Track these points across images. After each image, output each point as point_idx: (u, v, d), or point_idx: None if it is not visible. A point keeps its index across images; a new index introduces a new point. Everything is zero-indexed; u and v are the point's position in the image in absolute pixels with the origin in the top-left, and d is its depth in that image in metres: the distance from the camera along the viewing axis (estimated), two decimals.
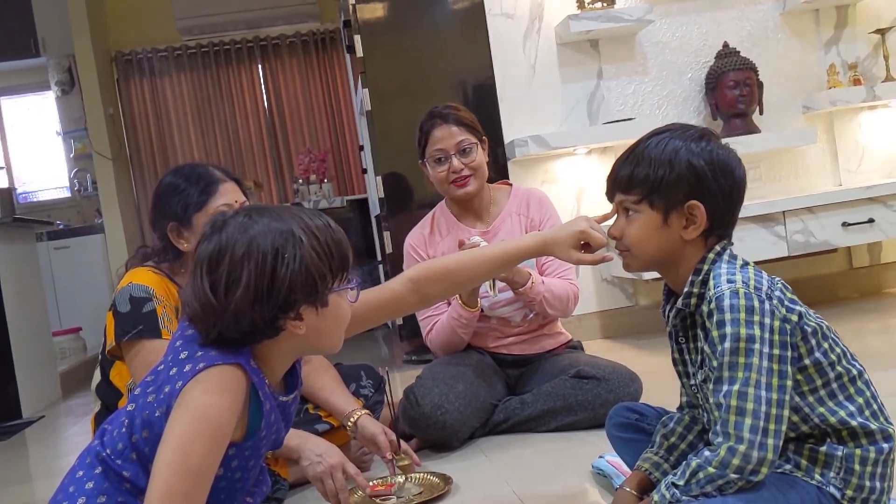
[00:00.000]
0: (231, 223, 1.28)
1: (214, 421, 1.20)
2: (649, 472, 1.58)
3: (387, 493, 2.05)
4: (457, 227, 2.65)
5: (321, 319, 1.31)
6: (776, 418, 1.34)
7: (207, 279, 1.26)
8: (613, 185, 1.54)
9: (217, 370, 1.22)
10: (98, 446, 1.30)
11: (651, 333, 3.97)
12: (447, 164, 2.52)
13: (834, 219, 3.70)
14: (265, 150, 7.01)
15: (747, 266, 1.46)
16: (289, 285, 1.25)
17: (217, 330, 1.25)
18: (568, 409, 2.43)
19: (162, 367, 1.29)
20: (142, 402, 1.27)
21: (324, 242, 1.30)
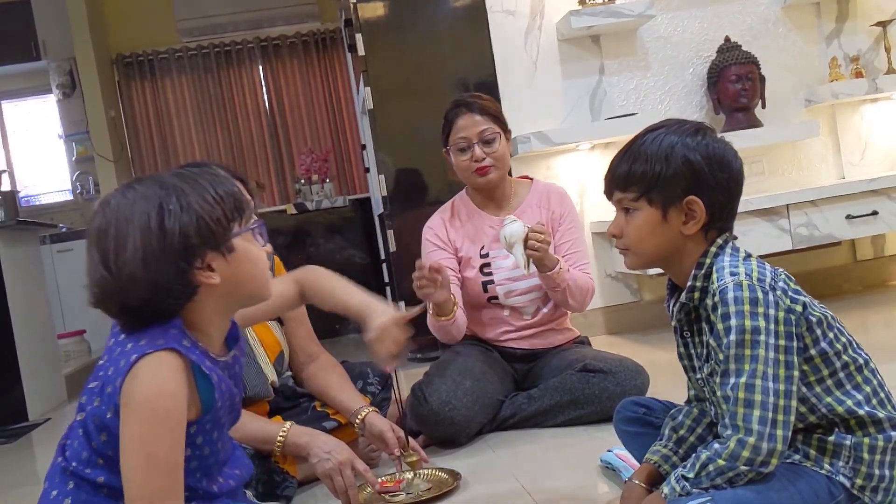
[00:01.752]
0: (114, 196, 1.26)
1: (163, 412, 1.19)
2: (658, 465, 1.58)
3: (395, 489, 2.05)
4: (478, 214, 2.66)
5: (233, 265, 1.27)
6: (784, 409, 1.35)
7: (98, 254, 1.22)
8: (611, 183, 1.54)
9: (150, 359, 1.19)
10: (63, 462, 1.29)
11: (656, 329, 3.97)
12: (470, 152, 2.53)
13: (837, 212, 3.70)
14: (267, 150, 7.02)
15: (750, 258, 1.46)
16: (181, 233, 1.21)
17: (117, 302, 1.22)
18: (575, 403, 2.43)
19: (101, 372, 1.26)
20: (90, 409, 1.25)
21: (210, 188, 1.27)
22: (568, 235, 2.61)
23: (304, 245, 6.01)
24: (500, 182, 2.61)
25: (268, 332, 2.21)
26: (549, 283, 2.46)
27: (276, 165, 7.00)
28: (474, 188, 2.65)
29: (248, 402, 2.10)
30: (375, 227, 5.33)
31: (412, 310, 1.88)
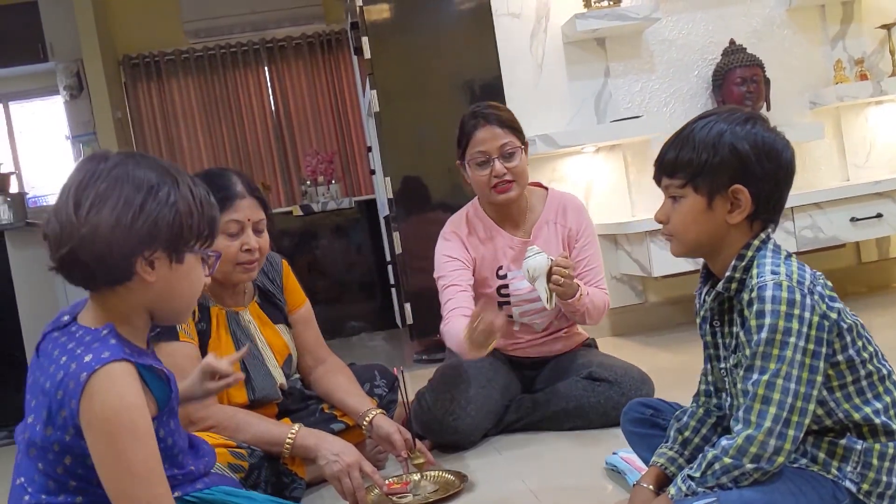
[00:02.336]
0: (113, 158, 1.28)
1: (130, 425, 1.20)
2: (665, 468, 1.59)
3: (403, 490, 2.07)
4: (497, 232, 2.55)
5: (173, 275, 1.29)
6: (800, 411, 1.36)
7: (73, 198, 1.23)
8: (659, 169, 1.54)
9: (101, 375, 1.19)
10: (32, 500, 1.28)
11: (661, 330, 3.98)
12: (489, 167, 2.42)
13: (842, 214, 3.71)
14: (272, 151, 7.04)
15: (791, 258, 1.46)
16: (154, 220, 1.23)
17: (69, 249, 1.22)
18: (580, 409, 2.44)
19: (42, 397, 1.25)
20: (41, 441, 1.25)
21: (198, 199, 1.30)
22: (584, 252, 2.53)
23: (311, 247, 6.04)
24: (519, 197, 2.50)
25: (276, 336, 2.23)
26: (569, 308, 2.40)
27: (282, 167, 7.03)
28: (492, 204, 2.54)
29: (258, 405, 2.13)
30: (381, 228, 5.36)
31: None
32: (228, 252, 2.01)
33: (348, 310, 6.00)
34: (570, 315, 2.48)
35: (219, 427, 1.96)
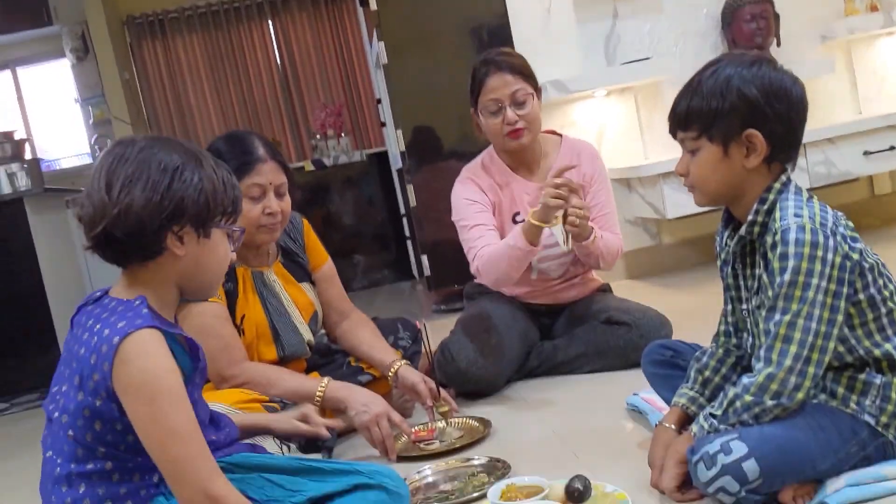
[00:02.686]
0: (139, 141, 1.35)
1: (165, 387, 1.25)
2: (686, 407, 1.63)
3: (429, 437, 2.13)
4: (513, 178, 2.58)
5: (201, 250, 1.36)
6: (820, 349, 1.40)
7: (104, 180, 1.30)
8: (673, 122, 1.55)
9: (133, 340, 1.25)
10: (61, 470, 1.32)
11: (676, 272, 4.02)
12: (501, 115, 2.44)
13: (855, 148, 3.70)
14: (280, 106, 7.03)
15: (813, 199, 1.48)
16: (181, 197, 1.31)
17: (103, 226, 1.28)
18: (600, 353, 2.49)
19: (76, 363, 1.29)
20: (74, 406, 1.29)
21: (221, 178, 1.38)
22: (598, 197, 2.56)
23: (325, 202, 6.06)
24: (532, 143, 2.53)
25: (301, 294, 2.28)
26: (583, 251, 2.43)
27: (291, 121, 7.02)
28: (506, 151, 2.56)
29: (287, 361, 2.18)
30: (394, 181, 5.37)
31: None
32: (251, 215, 2.04)
33: (364, 263, 6.05)
34: (584, 258, 2.51)
35: (251, 383, 2.02)
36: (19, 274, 4.13)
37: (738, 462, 1.35)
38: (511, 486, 1.58)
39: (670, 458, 1.52)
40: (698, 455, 1.39)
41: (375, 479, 1.45)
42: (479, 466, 1.87)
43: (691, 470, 1.42)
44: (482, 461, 1.88)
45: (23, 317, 4.14)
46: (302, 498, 1.41)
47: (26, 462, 2.82)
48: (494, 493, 1.56)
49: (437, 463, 1.93)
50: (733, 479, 1.35)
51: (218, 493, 1.23)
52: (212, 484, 1.23)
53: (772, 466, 1.35)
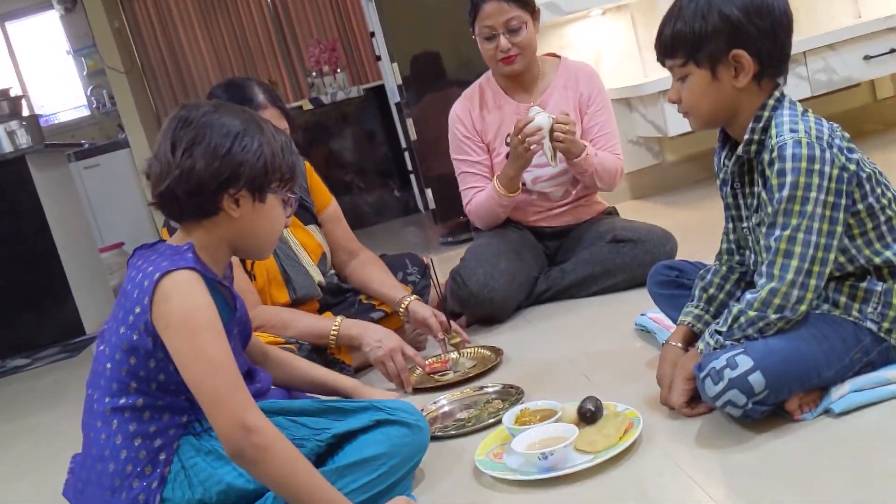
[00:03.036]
0: (204, 105, 1.41)
1: (205, 321, 1.30)
2: (692, 325, 1.67)
3: (443, 369, 2.18)
4: (505, 100, 2.64)
5: (255, 214, 1.40)
6: (821, 261, 1.42)
7: (169, 141, 1.36)
8: (660, 50, 1.56)
9: (174, 278, 1.30)
10: (98, 406, 1.38)
11: (680, 189, 4.02)
12: (495, 41, 2.49)
13: (855, 53, 3.67)
14: (274, 45, 6.94)
15: (808, 113, 1.49)
16: (239, 161, 1.36)
17: (167, 184, 1.35)
18: (607, 273, 2.52)
19: (123, 299, 1.36)
20: (115, 340, 1.35)
21: (280, 145, 1.42)
22: (597, 117, 2.59)
23: (325, 141, 6.04)
24: (525, 69, 2.57)
25: (309, 237, 2.31)
26: (577, 169, 2.49)
27: (286, 60, 6.94)
28: (501, 75, 2.62)
29: (299, 303, 2.22)
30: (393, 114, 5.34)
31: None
32: None
33: (368, 199, 6.06)
34: (579, 177, 2.55)
35: (266, 326, 2.06)
36: (29, 231, 4.17)
37: (744, 375, 1.38)
38: (525, 411, 1.63)
39: (678, 375, 1.56)
40: (705, 371, 1.43)
41: (396, 415, 1.50)
42: (493, 394, 1.92)
43: (699, 386, 1.46)
44: (496, 388, 1.93)
45: (37, 273, 4.19)
46: (327, 435, 1.46)
47: (52, 417, 2.89)
48: (509, 418, 1.61)
49: (451, 393, 1.98)
50: (740, 392, 1.39)
51: (254, 423, 1.27)
52: (247, 415, 1.28)
53: (777, 377, 1.39)
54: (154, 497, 1.35)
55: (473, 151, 2.64)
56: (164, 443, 1.37)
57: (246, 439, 1.26)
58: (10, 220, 4.17)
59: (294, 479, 1.29)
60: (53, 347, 4.13)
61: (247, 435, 1.26)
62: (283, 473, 1.29)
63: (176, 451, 1.38)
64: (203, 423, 1.39)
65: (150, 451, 1.36)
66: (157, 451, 1.37)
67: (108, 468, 1.36)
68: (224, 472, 1.37)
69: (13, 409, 3.17)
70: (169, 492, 1.36)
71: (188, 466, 1.37)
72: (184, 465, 1.37)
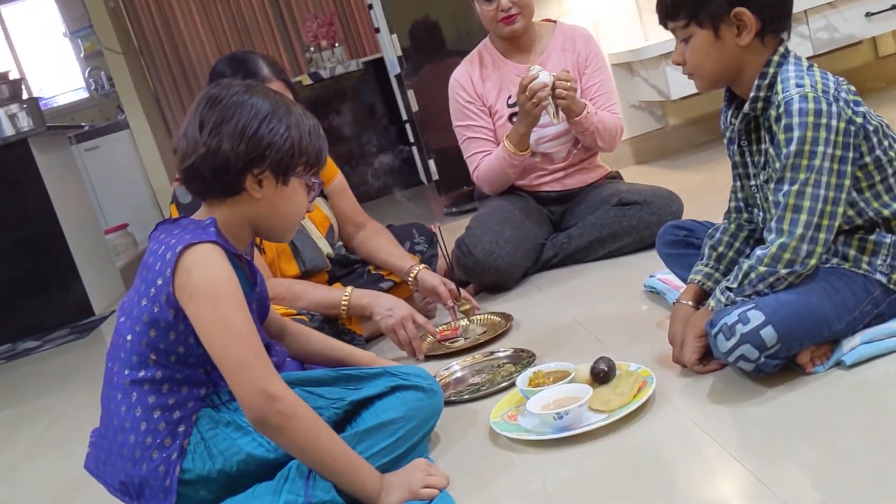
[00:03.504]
0: (235, 85, 1.41)
1: (226, 291, 1.32)
2: (702, 283, 1.67)
3: (454, 336, 2.20)
4: (504, 63, 2.66)
5: (278, 196, 1.41)
6: (830, 214, 1.43)
7: (198, 119, 1.38)
8: (661, 13, 1.56)
9: (196, 251, 1.32)
10: (118, 379, 1.40)
11: (684, 152, 4.01)
12: (495, 1, 2.52)
13: (856, 10, 3.64)
14: (270, 21, 6.90)
15: (813, 68, 1.49)
16: (267, 142, 1.36)
17: (192, 160, 1.36)
18: (614, 236, 2.53)
19: (145, 272, 1.37)
20: (136, 312, 1.37)
21: (308, 129, 1.42)
22: (595, 77, 2.62)
23: (327, 115, 6.02)
24: (525, 29, 2.60)
25: (316, 210, 2.31)
26: (578, 127, 2.51)
27: (283, 36, 6.90)
28: (500, 37, 2.64)
29: (309, 275, 2.23)
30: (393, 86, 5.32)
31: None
32: None
33: (371, 172, 6.05)
34: (580, 136, 2.56)
35: (278, 298, 2.07)
36: (34, 214, 4.17)
37: (756, 330, 1.39)
38: (538, 373, 1.64)
39: (690, 332, 1.57)
40: (717, 327, 1.44)
41: (410, 380, 1.52)
42: (504, 358, 1.93)
43: (711, 342, 1.47)
44: (507, 353, 1.95)
45: (44, 256, 4.20)
46: (343, 404, 1.47)
47: (64, 397, 2.92)
48: (522, 380, 1.62)
49: (463, 359, 1.99)
50: (752, 347, 1.40)
51: (277, 391, 1.29)
52: (270, 383, 1.29)
53: (788, 331, 1.40)
54: (174, 468, 1.37)
55: (477, 116, 2.65)
56: (182, 415, 1.39)
57: (269, 407, 1.28)
58: (15, 204, 4.17)
59: (317, 445, 1.32)
60: (62, 329, 4.15)
61: (270, 403, 1.28)
62: (306, 440, 1.31)
63: (195, 423, 1.40)
64: (221, 395, 1.41)
65: (169, 424, 1.38)
66: (176, 423, 1.38)
67: (129, 440, 1.38)
68: (244, 443, 1.38)
69: (25, 391, 3.20)
70: (189, 462, 1.38)
71: (207, 438, 1.39)
72: (203, 436, 1.39)
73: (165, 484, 1.36)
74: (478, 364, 1.95)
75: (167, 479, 1.36)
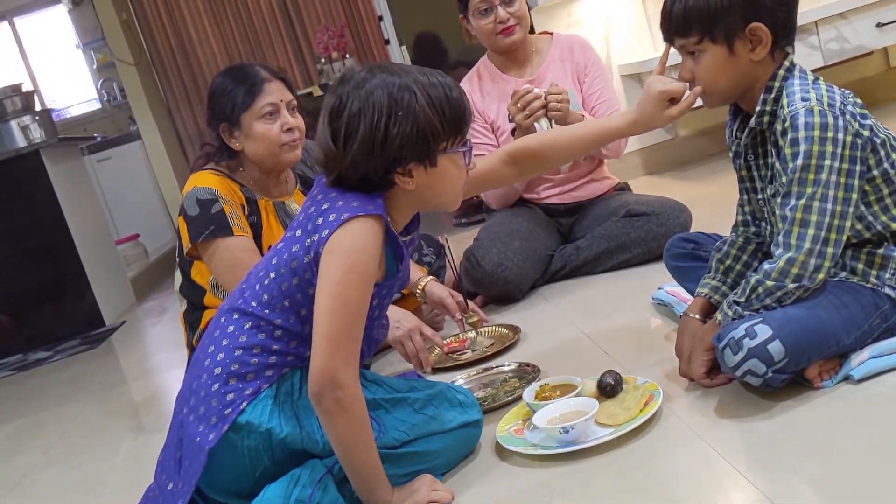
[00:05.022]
0: (352, 78, 1.37)
1: (363, 265, 1.33)
2: (709, 297, 1.67)
3: (462, 348, 2.19)
4: (501, 78, 2.68)
5: (430, 178, 1.39)
6: (838, 228, 1.42)
7: (329, 129, 1.37)
8: (670, 29, 1.53)
9: (359, 221, 1.33)
10: (242, 304, 1.43)
11: (693, 163, 4.00)
12: (493, 14, 2.53)
13: (867, 21, 3.62)
14: (281, 32, 6.94)
15: (819, 81, 1.48)
16: (400, 143, 1.34)
17: (336, 174, 1.37)
18: (622, 247, 2.52)
19: (305, 220, 1.40)
20: (287, 255, 1.39)
21: (437, 101, 1.36)
22: (595, 85, 2.63)
23: None
24: (523, 41, 2.61)
25: None
26: None
27: (294, 48, 6.94)
28: (498, 51, 2.65)
29: None
30: None
31: None
32: (271, 134, 2.07)
33: None
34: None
35: None
36: (46, 225, 4.19)
37: (764, 344, 1.38)
38: (545, 386, 1.64)
39: (697, 346, 1.56)
40: (724, 341, 1.43)
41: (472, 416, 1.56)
42: (509, 372, 1.93)
43: (719, 356, 1.46)
44: (512, 367, 1.94)
45: (55, 266, 4.21)
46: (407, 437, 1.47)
47: (75, 408, 2.93)
48: (529, 393, 1.62)
49: (468, 372, 1.99)
50: (759, 361, 1.39)
51: (344, 379, 1.29)
52: (344, 368, 1.30)
53: (796, 345, 1.39)
54: (240, 404, 1.38)
55: (480, 133, 2.65)
56: (277, 363, 1.41)
57: (331, 390, 1.29)
58: (27, 214, 4.19)
59: (353, 446, 1.33)
60: (73, 340, 4.16)
61: (334, 387, 1.29)
62: (347, 436, 1.32)
63: (283, 376, 1.41)
64: None
65: (261, 364, 1.40)
66: (267, 367, 1.40)
67: (218, 356, 1.40)
68: (305, 421, 1.39)
69: (36, 401, 3.21)
70: (250, 407, 1.38)
71: (281, 398, 1.40)
72: (277, 392, 1.40)
73: (225, 412, 1.38)
74: (483, 378, 1.94)
75: (230, 408, 1.38)
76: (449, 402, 1.56)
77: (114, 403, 2.81)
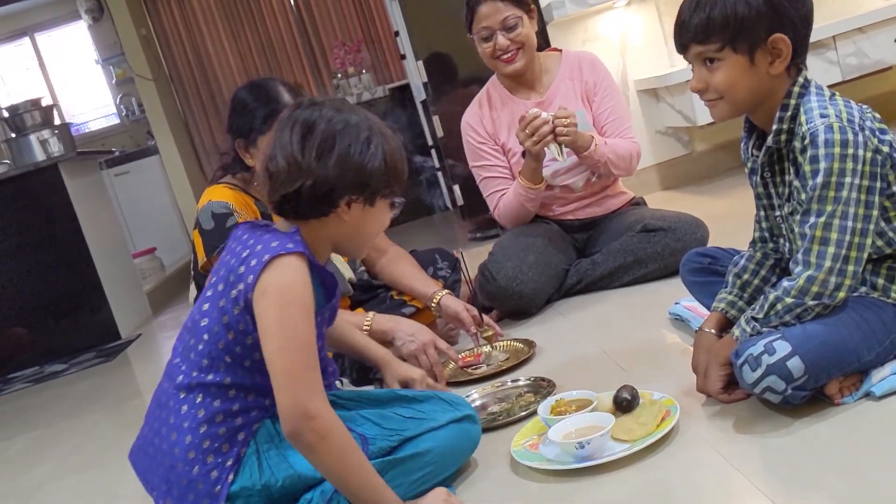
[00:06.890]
0: (327, 103, 1.41)
1: (299, 298, 1.32)
2: (726, 311, 1.65)
3: (476, 362, 2.18)
4: (511, 100, 2.67)
5: (364, 217, 1.42)
6: (858, 246, 1.40)
7: (299, 140, 1.36)
8: (687, 36, 1.50)
9: (282, 259, 1.32)
10: (184, 379, 1.40)
11: (710, 178, 3.98)
12: (493, 41, 2.53)
13: (886, 35, 3.61)
14: (298, 47, 6.98)
15: (836, 97, 1.47)
16: (368, 171, 1.37)
17: (290, 182, 1.35)
18: (638, 262, 2.50)
19: (224, 271, 1.38)
20: (216, 313, 1.38)
21: (398, 149, 1.43)
22: (605, 104, 2.61)
23: None
24: (527, 66, 2.59)
25: None
26: (588, 161, 2.50)
27: (311, 63, 6.98)
28: (503, 74, 2.65)
29: None
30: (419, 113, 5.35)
31: None
32: None
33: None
34: (593, 168, 2.55)
35: None
36: (63, 238, 4.22)
37: (783, 361, 1.36)
38: (560, 401, 1.62)
39: (713, 361, 1.54)
40: (742, 357, 1.41)
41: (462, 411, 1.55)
42: (524, 387, 1.91)
43: (737, 372, 1.44)
44: (527, 382, 1.93)
45: (72, 279, 4.24)
46: (399, 438, 1.46)
47: (90, 420, 2.93)
48: (544, 408, 1.60)
49: (483, 386, 1.97)
50: (779, 378, 1.37)
51: (316, 410, 1.29)
52: (312, 399, 1.29)
53: (816, 362, 1.37)
54: (227, 475, 1.37)
55: (490, 156, 2.66)
56: (244, 422, 1.39)
57: (306, 424, 1.28)
58: (45, 227, 4.22)
59: (346, 470, 1.31)
60: (89, 352, 4.18)
61: (307, 420, 1.28)
62: (335, 462, 1.30)
63: (255, 432, 1.40)
64: None
65: (230, 430, 1.38)
66: (236, 430, 1.39)
67: (185, 440, 1.37)
68: (295, 460, 1.38)
69: (52, 413, 3.22)
70: (238, 475, 1.37)
71: (262, 451, 1.39)
72: (258, 448, 1.39)
73: (215, 490, 1.36)
74: (498, 392, 1.93)
75: (218, 485, 1.36)
76: (437, 401, 1.55)
77: (128, 416, 2.81)
